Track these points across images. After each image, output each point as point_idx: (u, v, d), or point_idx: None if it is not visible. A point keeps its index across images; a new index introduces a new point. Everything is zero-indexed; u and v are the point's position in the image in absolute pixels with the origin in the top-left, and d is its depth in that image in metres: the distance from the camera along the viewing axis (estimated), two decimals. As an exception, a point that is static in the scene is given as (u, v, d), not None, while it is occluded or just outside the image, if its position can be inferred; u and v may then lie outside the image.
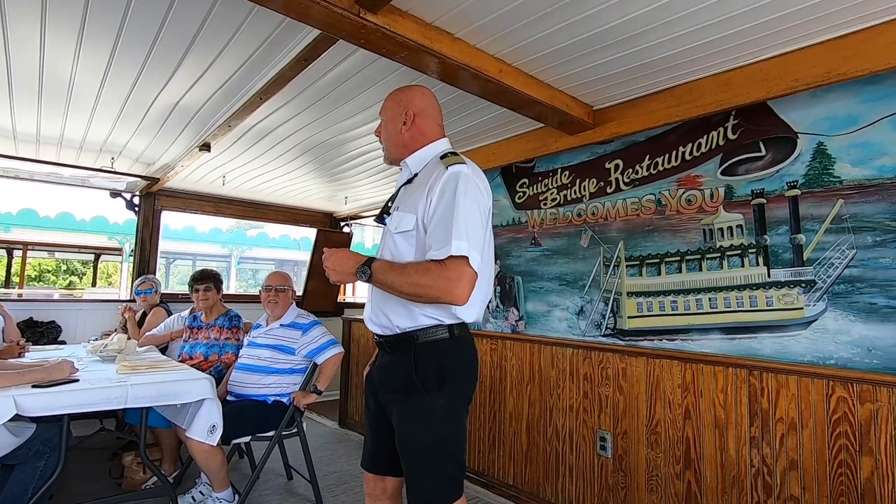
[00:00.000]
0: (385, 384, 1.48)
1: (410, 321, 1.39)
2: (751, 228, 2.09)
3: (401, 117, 1.53)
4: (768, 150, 2.05)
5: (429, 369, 1.38)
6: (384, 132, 1.58)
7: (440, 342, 1.40)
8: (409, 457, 1.39)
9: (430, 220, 1.34)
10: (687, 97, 2.18)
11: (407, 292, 1.30)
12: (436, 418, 1.37)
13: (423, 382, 1.37)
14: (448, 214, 1.29)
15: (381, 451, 1.54)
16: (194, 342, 3.22)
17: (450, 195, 1.32)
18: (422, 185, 1.41)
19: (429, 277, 1.26)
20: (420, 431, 1.37)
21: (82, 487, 2.81)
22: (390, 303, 1.41)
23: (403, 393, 1.40)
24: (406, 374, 1.39)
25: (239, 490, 2.56)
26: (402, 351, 1.42)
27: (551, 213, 2.90)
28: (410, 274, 1.29)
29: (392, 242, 1.42)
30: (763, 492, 1.93)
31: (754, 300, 2.06)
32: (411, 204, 1.41)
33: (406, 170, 1.55)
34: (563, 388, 2.69)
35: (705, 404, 2.12)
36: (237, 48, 2.00)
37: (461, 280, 1.25)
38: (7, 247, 10.37)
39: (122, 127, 2.93)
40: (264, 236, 11.96)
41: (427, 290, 1.27)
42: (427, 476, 1.37)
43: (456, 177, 1.34)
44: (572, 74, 2.15)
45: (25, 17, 1.81)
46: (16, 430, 2.02)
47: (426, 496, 1.37)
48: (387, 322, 1.43)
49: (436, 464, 1.37)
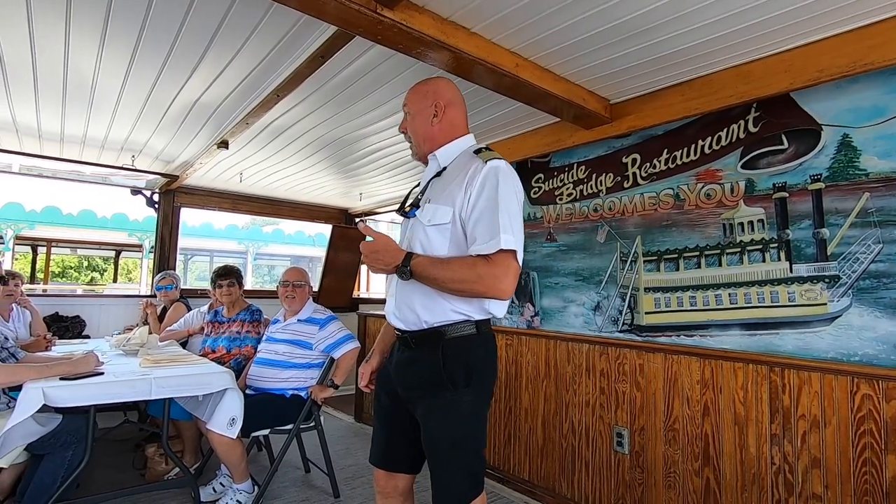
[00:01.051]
0: (408, 380, 1.44)
1: (440, 316, 1.36)
2: (772, 223, 2.05)
3: (430, 109, 1.50)
4: (791, 143, 2.01)
5: (457, 365, 1.36)
6: (411, 126, 1.53)
7: (468, 338, 1.38)
8: (436, 454, 1.37)
9: (469, 213, 1.33)
10: (706, 90, 2.14)
11: (451, 288, 1.29)
12: (463, 415, 1.36)
13: (451, 378, 1.35)
14: (492, 208, 1.29)
15: (395, 446, 1.53)
16: (217, 336, 3.28)
17: (491, 189, 1.31)
18: (456, 178, 1.39)
19: (474, 273, 1.26)
20: (447, 428, 1.36)
21: (107, 477, 2.88)
22: (418, 297, 1.38)
23: (430, 389, 1.37)
24: (433, 370, 1.36)
25: (258, 482, 2.60)
26: (427, 346, 1.39)
27: (567, 208, 2.88)
28: (455, 270, 1.28)
29: (424, 235, 1.39)
30: (784, 490, 1.90)
31: (776, 296, 2.02)
32: (447, 197, 1.38)
33: (434, 163, 1.51)
34: (579, 383, 2.69)
35: (725, 401, 2.10)
36: (255, 46, 2.02)
37: (507, 275, 1.25)
38: (32, 244, 10.66)
39: (142, 125, 2.99)
40: (280, 233, 12.10)
41: (473, 285, 1.26)
42: (454, 473, 1.36)
43: (496, 171, 1.34)
44: (589, 68, 2.13)
45: (51, 19, 1.86)
46: (43, 420, 2.08)
47: (454, 493, 1.36)
48: (413, 317, 1.40)
49: (462, 461, 1.36)
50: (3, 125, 3.02)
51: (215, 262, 12.52)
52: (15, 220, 8.33)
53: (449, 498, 1.36)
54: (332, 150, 3.42)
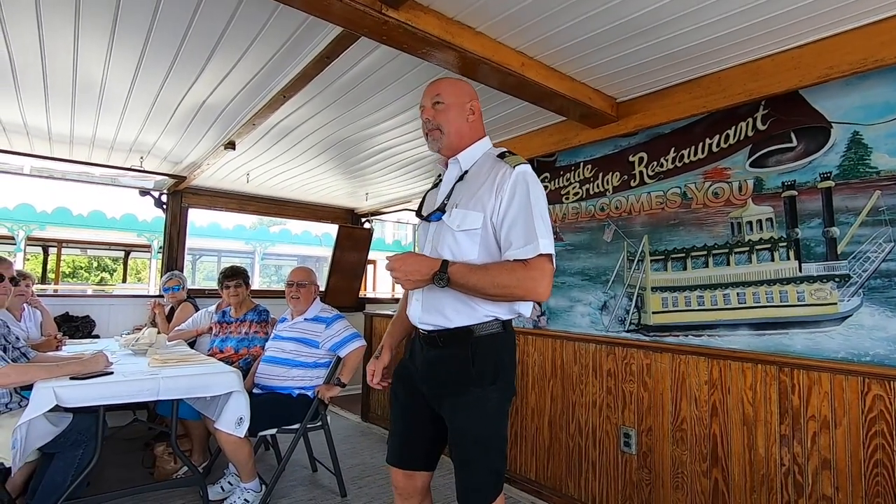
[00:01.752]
0: (435, 378, 1.45)
1: (471, 319, 1.38)
2: (781, 222, 2.03)
3: (467, 106, 1.51)
4: (800, 141, 1.99)
5: (486, 363, 1.37)
6: (445, 116, 1.48)
7: (496, 336, 1.39)
8: (463, 451, 1.38)
9: (501, 219, 1.35)
10: (714, 87, 2.12)
11: (491, 293, 1.30)
12: (490, 412, 1.38)
13: (480, 376, 1.37)
14: (526, 213, 1.31)
15: (413, 444, 1.53)
16: (225, 337, 3.31)
17: (522, 195, 1.33)
18: (484, 183, 1.40)
19: (514, 278, 1.28)
20: (475, 426, 1.37)
21: (117, 476, 2.91)
22: (449, 301, 1.38)
23: (459, 386, 1.38)
24: (462, 368, 1.38)
25: (266, 481, 2.62)
26: (456, 345, 1.39)
27: (573, 207, 2.87)
28: (495, 276, 1.29)
29: (453, 240, 1.40)
30: (794, 491, 1.89)
31: (785, 295, 2.00)
32: (476, 202, 1.39)
33: (456, 166, 1.51)
34: (585, 383, 2.67)
35: (733, 401, 2.08)
36: (261, 47, 2.03)
37: (545, 278, 1.28)
38: (43, 244, 10.79)
39: (150, 127, 3.01)
40: (287, 233, 12.15)
41: (514, 290, 1.28)
42: (481, 470, 1.37)
43: (525, 176, 1.37)
44: (595, 66, 2.12)
45: (60, 24, 1.87)
46: (54, 419, 2.10)
47: (480, 491, 1.36)
48: (442, 321, 1.40)
49: (488, 458, 1.37)
50: (15, 128, 3.06)
51: (223, 262, 12.60)
52: (26, 222, 8.43)
53: (475, 495, 1.37)
54: (338, 150, 3.43)
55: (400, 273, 1.33)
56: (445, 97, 1.49)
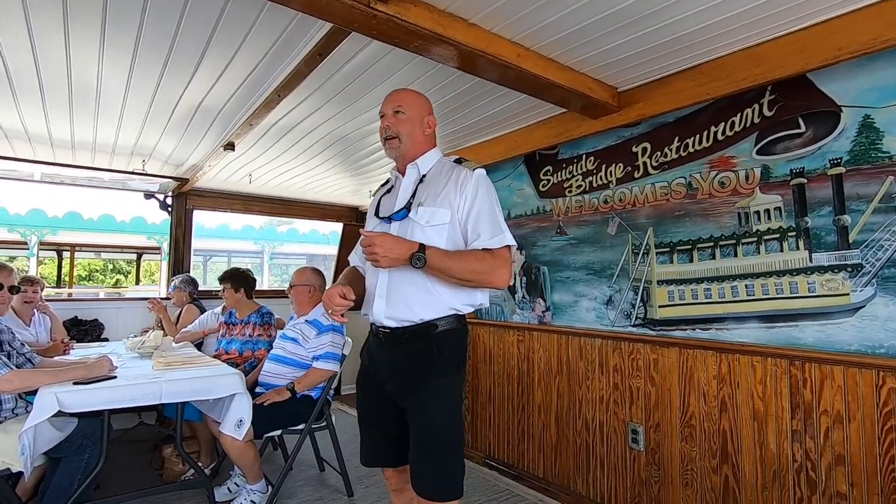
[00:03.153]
0: (400, 374, 1.50)
1: (436, 312, 1.46)
2: (790, 210, 1.96)
3: (425, 120, 1.62)
4: (808, 127, 1.92)
5: (450, 354, 1.47)
6: (405, 126, 1.58)
7: (454, 330, 1.50)
8: (430, 440, 1.43)
9: (466, 214, 1.48)
10: (717, 74, 2.06)
11: (463, 278, 1.41)
12: (453, 403, 1.47)
13: (445, 368, 1.46)
14: (490, 209, 1.47)
15: (396, 442, 1.56)
16: (230, 338, 3.31)
17: (484, 194, 1.49)
18: (446, 184, 1.51)
19: (486, 265, 1.41)
20: (441, 414, 1.44)
21: (126, 478, 2.93)
22: (416, 294, 1.45)
23: (424, 379, 1.45)
24: (429, 361, 1.45)
25: (272, 482, 2.62)
26: (421, 339, 1.47)
27: (577, 200, 2.82)
28: (469, 262, 1.41)
29: (422, 234, 1.47)
30: (807, 487, 1.83)
31: (795, 286, 1.94)
32: (443, 200, 1.49)
33: (414, 170, 1.61)
34: (592, 379, 2.63)
35: (743, 396, 2.03)
36: (252, 46, 2.00)
37: (506, 267, 1.43)
38: (57, 249, 10.94)
39: (149, 130, 3.01)
40: (294, 232, 12.19)
41: (484, 276, 1.41)
42: (450, 457, 1.43)
43: (484, 179, 1.53)
44: (594, 55, 2.06)
45: (49, 23, 1.86)
46: (59, 424, 2.11)
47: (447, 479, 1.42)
48: (409, 314, 1.46)
49: (454, 446, 1.45)
50: (16, 134, 3.08)
51: (233, 263, 12.69)
52: (38, 227, 8.54)
53: (442, 483, 1.41)
54: (339, 148, 3.41)
55: (380, 248, 1.37)
56: (406, 108, 1.59)
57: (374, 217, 1.64)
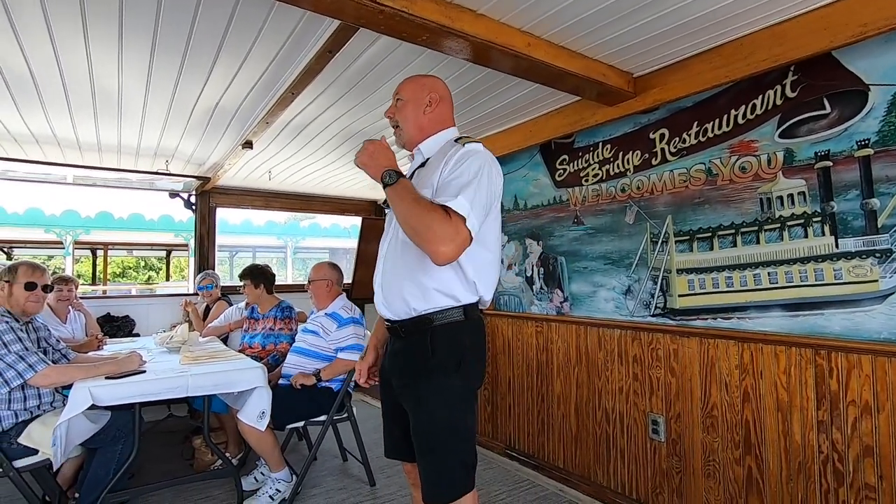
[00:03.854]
0: (400, 370, 1.47)
1: (427, 302, 1.39)
2: (815, 195, 1.90)
3: (424, 99, 1.54)
4: (834, 107, 1.84)
5: (446, 352, 1.39)
6: (403, 112, 1.56)
7: (456, 324, 1.40)
8: (428, 440, 1.38)
9: (441, 183, 1.35)
10: (737, 55, 1.99)
11: (408, 222, 1.27)
12: (454, 400, 1.38)
13: (441, 365, 1.38)
14: (460, 178, 1.31)
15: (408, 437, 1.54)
16: (253, 333, 3.40)
17: (464, 166, 1.34)
18: (436, 164, 1.44)
19: (431, 218, 1.23)
20: (438, 414, 1.37)
21: (159, 468, 3.05)
22: (406, 284, 1.41)
23: (421, 376, 1.40)
24: (423, 357, 1.39)
25: (296, 471, 2.69)
26: (417, 334, 1.41)
27: (594, 189, 2.78)
28: (423, 207, 1.25)
29: None
30: (834, 479, 1.79)
31: (820, 273, 1.88)
32: (426, 181, 1.41)
33: (419, 156, 1.56)
34: (611, 370, 2.61)
35: (766, 386, 1.98)
36: (264, 46, 2.03)
37: (455, 239, 1.22)
38: (91, 248, 11.35)
39: (170, 131, 3.09)
40: (316, 226, 12.34)
41: (424, 229, 1.23)
42: (446, 459, 1.36)
43: (473, 153, 1.39)
44: (607, 41, 2.02)
45: (69, 34, 1.92)
46: (94, 417, 2.21)
47: (447, 480, 1.36)
48: (401, 305, 1.42)
49: (455, 446, 1.37)
50: (45, 139, 3.19)
51: (257, 258, 12.96)
52: (73, 227, 8.87)
53: (441, 485, 1.36)
54: (355, 142, 3.43)
55: (372, 147, 1.39)
56: (403, 94, 1.57)
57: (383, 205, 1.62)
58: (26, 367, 2.09)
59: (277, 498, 2.54)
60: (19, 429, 2.14)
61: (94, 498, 2.15)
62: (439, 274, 1.37)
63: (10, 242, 9.83)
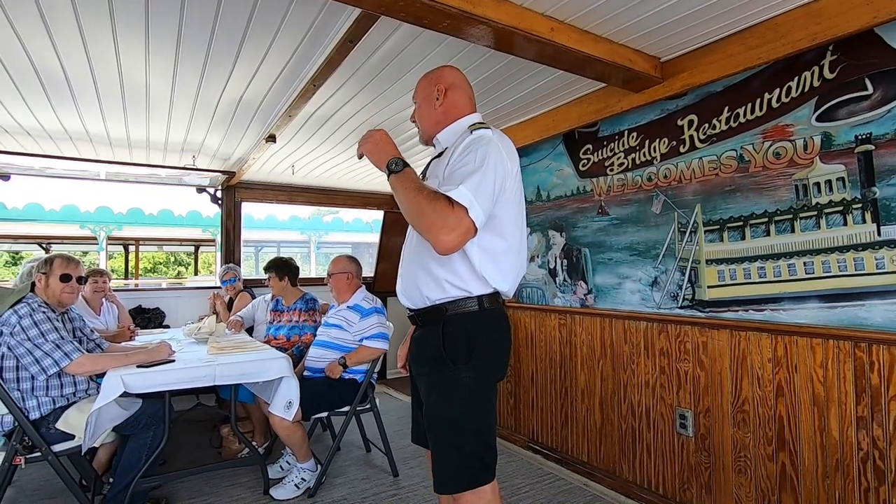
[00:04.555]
0: (416, 358, 1.52)
1: (440, 292, 1.39)
2: (855, 180, 1.81)
3: (433, 93, 1.55)
4: (877, 87, 1.75)
5: (457, 342, 1.37)
6: (419, 113, 1.59)
7: (469, 314, 1.38)
8: (433, 431, 1.39)
9: (448, 175, 1.33)
10: (771, 35, 1.90)
11: (409, 210, 1.26)
12: (462, 392, 1.36)
13: (452, 355, 1.37)
14: (465, 167, 1.29)
15: None
16: (278, 324, 3.45)
17: (470, 154, 1.31)
18: (447, 153, 1.44)
19: (433, 208, 1.21)
20: (445, 405, 1.37)
21: (189, 455, 3.14)
22: (420, 274, 1.43)
23: (432, 366, 1.42)
24: (435, 347, 1.39)
25: (321, 461, 2.72)
26: (433, 324, 1.42)
27: (619, 178, 2.71)
28: (425, 196, 1.24)
29: None
30: (874, 477, 1.71)
31: (860, 263, 1.79)
32: (436, 171, 1.45)
33: (438, 146, 1.56)
34: (637, 363, 2.56)
35: (801, 380, 1.91)
36: (286, 37, 2.04)
37: (456, 228, 1.20)
38: (123, 243, 11.73)
39: (196, 126, 3.14)
40: (339, 221, 12.47)
41: (424, 218, 1.22)
42: (451, 452, 1.35)
43: (480, 139, 1.35)
44: (633, 24, 1.96)
45: (99, 32, 1.96)
46: (125, 404, 2.28)
47: (448, 471, 1.35)
48: (418, 295, 1.44)
49: (459, 439, 1.34)
50: (78, 135, 3.29)
51: (282, 252, 13.17)
52: (106, 223, 9.17)
53: (443, 477, 1.36)
54: (376, 136, 3.43)
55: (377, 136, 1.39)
56: (416, 97, 1.60)
57: None
58: (62, 355, 2.17)
59: (303, 486, 2.58)
60: (57, 414, 2.22)
61: (128, 482, 2.22)
62: (449, 264, 1.36)
63: (48, 238, 10.22)
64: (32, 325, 2.15)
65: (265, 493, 2.58)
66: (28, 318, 2.16)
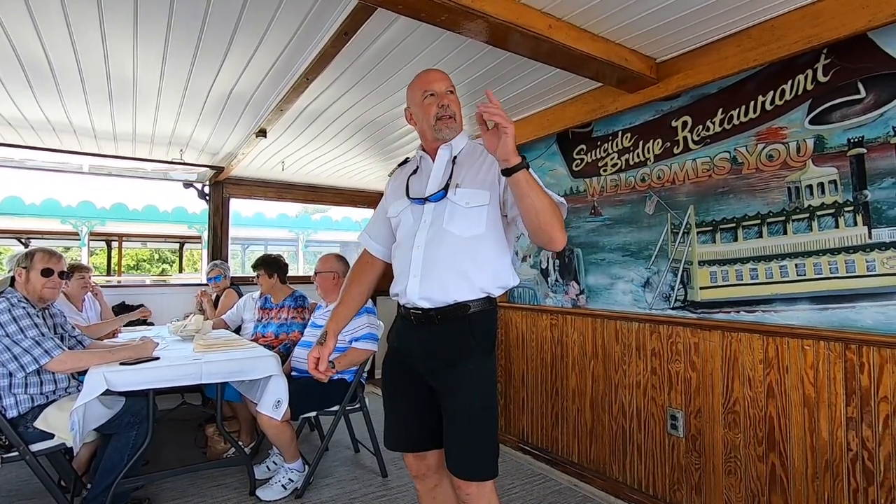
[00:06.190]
0: (434, 355, 1.46)
1: (469, 294, 1.43)
2: (847, 183, 1.82)
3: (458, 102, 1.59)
4: (869, 91, 1.76)
5: (483, 336, 1.46)
6: (457, 107, 1.54)
7: (488, 311, 1.48)
8: (466, 420, 1.41)
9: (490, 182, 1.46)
10: (767, 37, 1.91)
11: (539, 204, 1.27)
12: (490, 381, 1.47)
13: (481, 348, 1.45)
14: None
15: (423, 425, 1.54)
16: (266, 322, 3.40)
17: None
18: (482, 165, 1.48)
19: (555, 208, 1.31)
20: (478, 394, 1.43)
21: (173, 455, 3.07)
22: (450, 276, 1.42)
23: (460, 359, 1.43)
24: (464, 341, 1.43)
25: (309, 461, 2.68)
26: (455, 321, 1.44)
27: (612, 179, 2.72)
28: (548, 194, 1.31)
29: (463, 216, 1.44)
30: (863, 478, 1.73)
31: (851, 265, 1.81)
32: (482, 182, 1.46)
33: (448, 151, 1.55)
34: (628, 364, 2.56)
35: (792, 381, 1.92)
36: (279, 30, 2.00)
37: (564, 229, 1.33)
38: (106, 239, 11.50)
39: (185, 119, 3.08)
40: (328, 220, 12.37)
41: (555, 216, 1.30)
42: (486, 439, 1.42)
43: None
44: (630, 24, 1.95)
45: (85, 18, 1.90)
46: (108, 402, 2.21)
47: (486, 458, 1.42)
48: (442, 295, 1.43)
49: (492, 427, 1.44)
50: (62, 127, 3.21)
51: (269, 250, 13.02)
52: (88, 218, 8.96)
53: (482, 457, 1.41)
54: (369, 132, 3.40)
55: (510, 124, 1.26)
56: (455, 92, 1.55)
57: (405, 198, 1.55)
58: (42, 352, 2.10)
59: (290, 487, 2.53)
60: (35, 413, 2.14)
61: (109, 483, 2.16)
62: (489, 268, 1.44)
63: (28, 233, 9.97)
64: (11, 321, 2.08)
65: (251, 493, 2.53)
66: (6, 313, 2.08)
